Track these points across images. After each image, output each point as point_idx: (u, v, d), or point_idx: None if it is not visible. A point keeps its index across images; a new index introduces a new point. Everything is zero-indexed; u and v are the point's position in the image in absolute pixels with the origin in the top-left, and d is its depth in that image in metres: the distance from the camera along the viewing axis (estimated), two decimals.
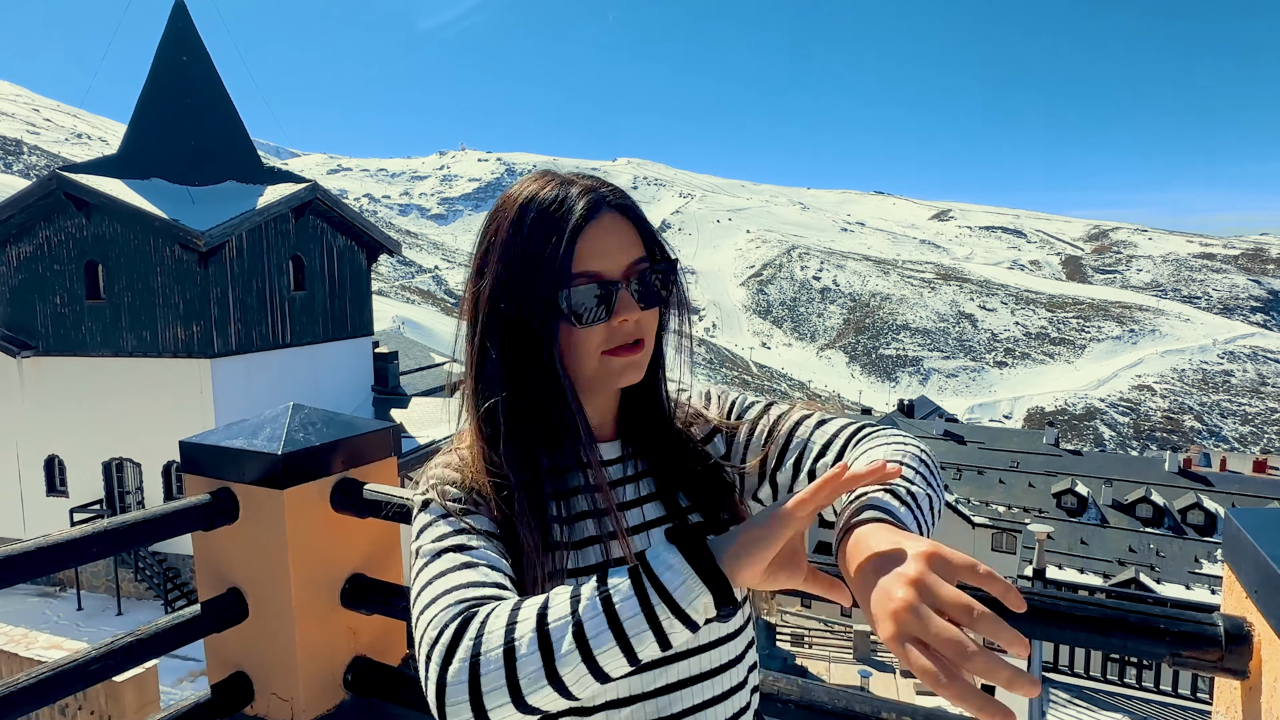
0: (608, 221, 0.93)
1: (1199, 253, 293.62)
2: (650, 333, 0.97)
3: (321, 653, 2.13)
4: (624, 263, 0.93)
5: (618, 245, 0.93)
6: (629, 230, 0.95)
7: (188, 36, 24.59)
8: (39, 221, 21.61)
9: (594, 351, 0.94)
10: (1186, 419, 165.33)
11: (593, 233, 0.92)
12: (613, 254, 0.93)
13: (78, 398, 21.77)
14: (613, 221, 0.94)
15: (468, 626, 0.74)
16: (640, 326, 0.95)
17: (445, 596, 0.80)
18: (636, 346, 0.95)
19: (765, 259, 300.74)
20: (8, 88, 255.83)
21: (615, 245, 0.93)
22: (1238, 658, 1.25)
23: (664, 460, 1.03)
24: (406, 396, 27.40)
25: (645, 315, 0.95)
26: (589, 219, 0.92)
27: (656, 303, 0.96)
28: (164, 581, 20.94)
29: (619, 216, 0.95)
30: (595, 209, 0.92)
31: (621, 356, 0.94)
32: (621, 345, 0.94)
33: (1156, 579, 30.68)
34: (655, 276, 0.96)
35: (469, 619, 0.75)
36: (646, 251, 0.97)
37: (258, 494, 2.02)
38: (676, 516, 1.00)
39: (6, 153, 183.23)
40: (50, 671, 1.71)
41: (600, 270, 0.92)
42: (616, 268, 0.93)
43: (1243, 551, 1.26)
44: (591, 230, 0.92)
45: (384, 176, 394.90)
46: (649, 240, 0.98)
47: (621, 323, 0.92)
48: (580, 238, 0.91)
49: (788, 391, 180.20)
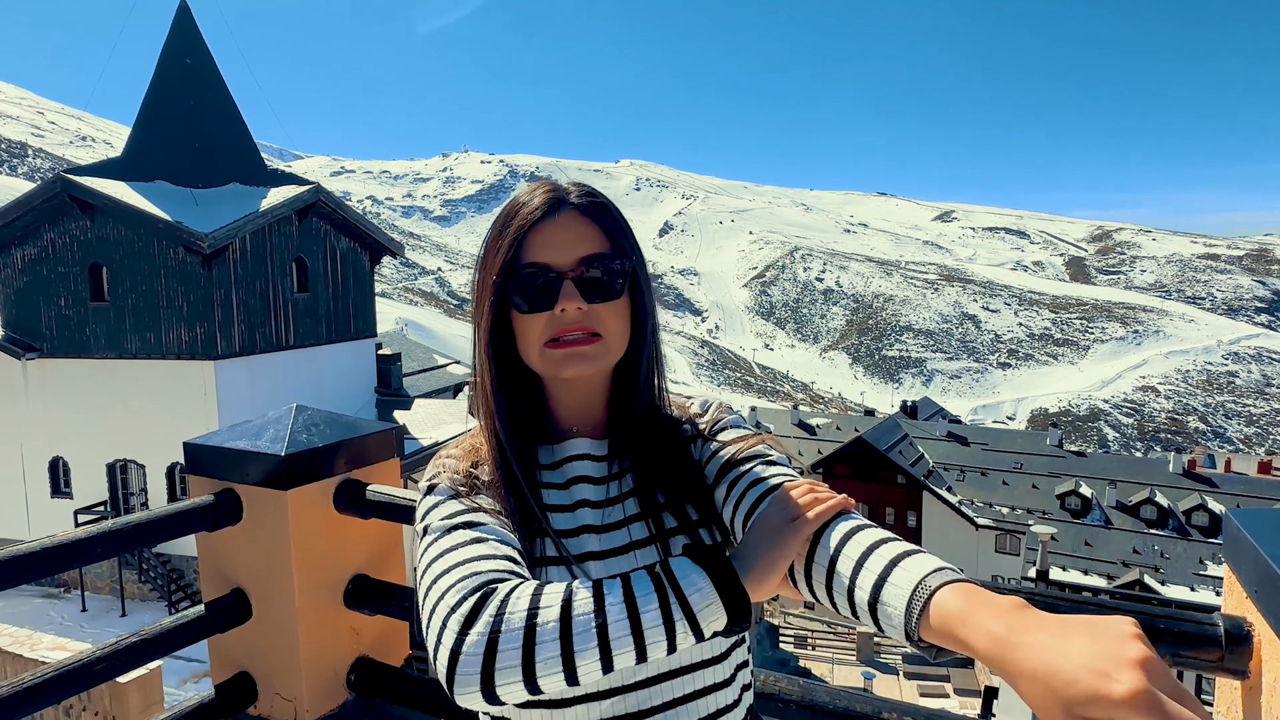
0: (565, 219, 0.99)
1: (1203, 253, 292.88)
2: (609, 327, 0.99)
3: (325, 653, 2.13)
4: (573, 256, 0.97)
5: (570, 239, 0.98)
6: (587, 227, 0.99)
7: (191, 39, 24.65)
8: (43, 224, 21.68)
9: (537, 340, 0.98)
10: (1191, 420, 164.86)
11: (547, 228, 0.98)
12: (562, 247, 0.97)
13: (82, 399, 21.83)
14: (571, 219, 0.99)
15: (488, 601, 0.78)
16: (591, 318, 0.97)
17: (460, 568, 0.83)
18: (588, 340, 0.97)
19: (768, 260, 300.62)
20: (12, 90, 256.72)
21: (567, 239, 0.98)
22: (1238, 658, 1.25)
23: (643, 457, 1.05)
24: (409, 398, 27.43)
25: (601, 309, 0.98)
26: (546, 215, 0.98)
27: (608, 296, 0.98)
28: (168, 582, 20.98)
29: (578, 215, 1.00)
30: (554, 207, 0.99)
31: (563, 348, 0.97)
32: (566, 337, 0.97)
33: (1161, 580, 30.58)
34: (606, 273, 0.98)
35: (489, 594, 0.79)
36: (613, 250, 1.00)
37: (261, 495, 2.03)
38: (652, 514, 1.02)
39: (11, 155, 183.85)
40: (54, 672, 1.71)
41: (547, 261, 0.97)
42: (564, 260, 0.97)
43: (1243, 552, 1.26)
44: (546, 225, 0.98)
45: (387, 178, 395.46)
46: (617, 240, 1.01)
47: (562, 311, 0.95)
48: (532, 230, 0.97)
49: (790, 393, 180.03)
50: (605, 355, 0.99)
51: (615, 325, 1.00)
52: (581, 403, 1.06)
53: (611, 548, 0.99)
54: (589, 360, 0.98)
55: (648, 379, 1.07)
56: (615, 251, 1.00)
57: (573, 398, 1.05)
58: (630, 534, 1.00)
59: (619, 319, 1.00)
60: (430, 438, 22.42)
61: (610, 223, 1.01)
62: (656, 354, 1.08)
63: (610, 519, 1.01)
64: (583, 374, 0.99)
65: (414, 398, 27.76)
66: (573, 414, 1.06)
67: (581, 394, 1.05)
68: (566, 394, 1.05)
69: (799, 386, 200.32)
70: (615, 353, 1.01)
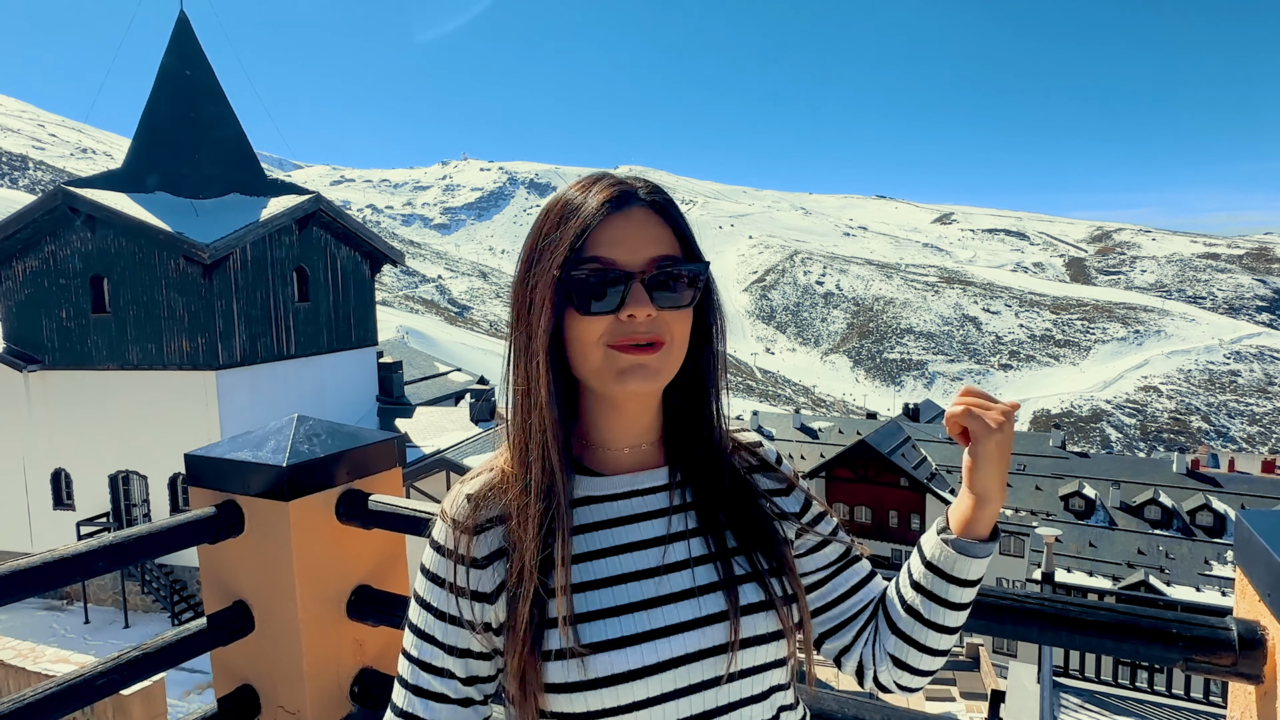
0: (636, 214, 0.88)
1: (1203, 253, 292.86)
2: (676, 337, 0.89)
3: (328, 665, 2.12)
4: (645, 256, 0.87)
5: (641, 238, 0.87)
6: (658, 226, 0.90)
7: (191, 50, 24.75)
8: (44, 236, 21.73)
9: (597, 343, 0.86)
10: (1193, 420, 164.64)
11: (615, 222, 0.87)
12: (632, 245, 0.87)
13: (84, 411, 21.84)
14: (642, 215, 0.89)
15: None
16: (659, 326, 0.87)
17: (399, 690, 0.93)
18: (651, 348, 0.87)
19: (768, 264, 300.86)
20: (13, 103, 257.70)
21: (638, 237, 0.87)
22: (1252, 662, 1.23)
23: (713, 493, 0.96)
24: (411, 406, 27.43)
25: (669, 316, 0.87)
26: (615, 209, 0.87)
27: (679, 304, 0.88)
28: (171, 594, 20.96)
29: (649, 211, 0.89)
30: (623, 201, 0.88)
31: (630, 354, 0.86)
32: (631, 342, 0.86)
33: (1166, 581, 30.49)
34: (682, 279, 0.88)
35: None
36: (683, 254, 0.91)
37: (263, 506, 2.02)
38: (721, 558, 0.92)
39: (12, 168, 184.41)
40: (57, 686, 1.70)
41: (614, 258, 0.86)
42: (634, 259, 0.86)
43: (1255, 554, 1.25)
44: (615, 219, 0.87)
45: (387, 187, 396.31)
46: (689, 243, 0.92)
47: (629, 317, 0.85)
48: (599, 225, 0.86)
49: (792, 397, 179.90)
50: (667, 368, 0.89)
51: (681, 334, 0.90)
52: (636, 424, 0.95)
53: (672, 592, 0.89)
54: (651, 374, 0.87)
55: (711, 397, 0.96)
56: (687, 255, 0.91)
57: (623, 418, 0.94)
58: (695, 577, 0.91)
59: (685, 328, 0.90)
60: (432, 445, 22.40)
61: (682, 223, 0.92)
62: (723, 371, 0.97)
63: (673, 558, 0.92)
64: (642, 390, 0.88)
65: (416, 405, 27.76)
66: (618, 441, 0.95)
67: (633, 413, 0.93)
68: (614, 413, 0.93)
69: (800, 390, 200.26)
70: (676, 365, 0.90)
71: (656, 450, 0.97)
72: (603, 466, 0.95)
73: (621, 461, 0.95)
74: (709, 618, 0.88)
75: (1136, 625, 1.31)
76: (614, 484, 0.94)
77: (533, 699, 0.85)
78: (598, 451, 0.95)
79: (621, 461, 0.95)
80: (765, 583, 0.92)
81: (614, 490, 0.94)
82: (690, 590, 0.90)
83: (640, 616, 0.87)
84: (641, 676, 0.84)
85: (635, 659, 0.84)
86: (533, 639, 0.84)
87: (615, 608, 0.87)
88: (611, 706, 0.84)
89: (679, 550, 0.92)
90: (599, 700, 0.83)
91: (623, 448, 0.95)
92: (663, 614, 0.88)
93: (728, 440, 1.00)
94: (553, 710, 0.85)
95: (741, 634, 0.88)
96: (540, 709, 0.86)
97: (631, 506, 0.93)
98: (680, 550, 0.92)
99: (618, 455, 0.95)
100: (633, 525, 0.92)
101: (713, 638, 0.87)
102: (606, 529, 0.92)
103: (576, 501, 0.92)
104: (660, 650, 0.85)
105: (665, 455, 0.97)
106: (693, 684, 0.86)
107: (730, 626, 0.88)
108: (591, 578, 0.89)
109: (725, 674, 0.87)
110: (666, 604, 0.88)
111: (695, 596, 0.89)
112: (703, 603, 0.89)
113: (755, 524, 0.96)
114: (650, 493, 0.95)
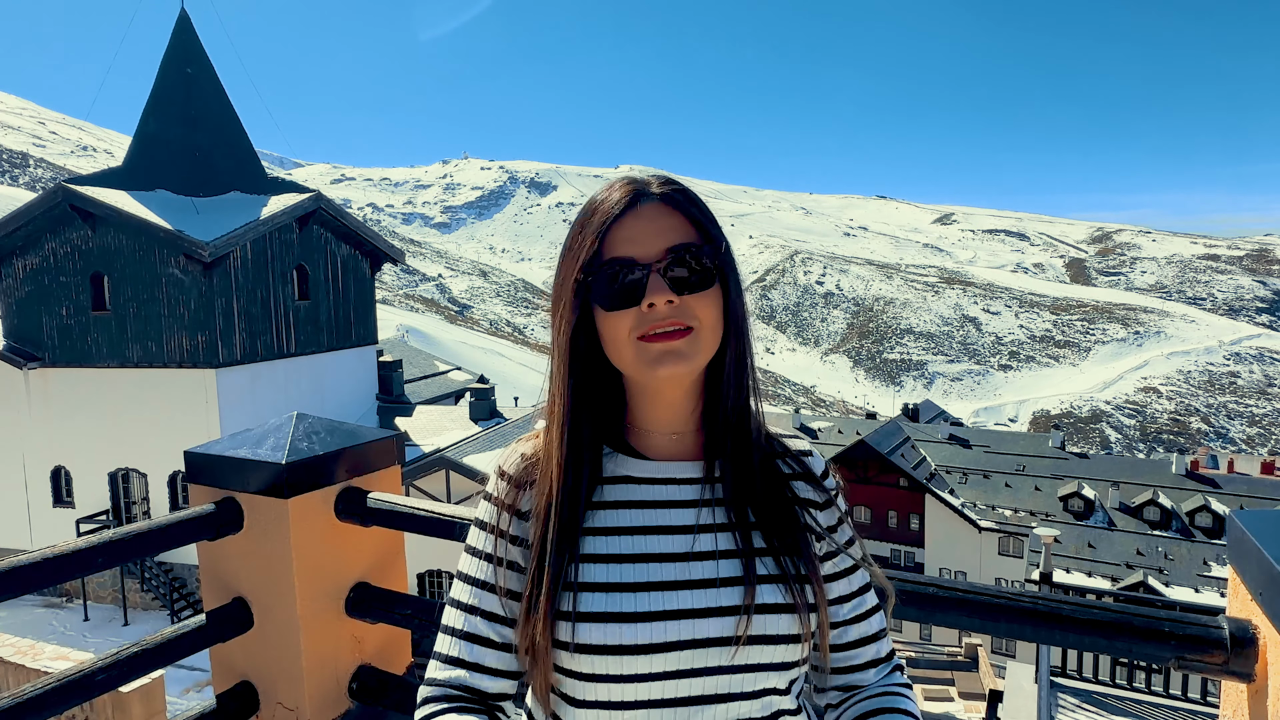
0: (648, 211, 0.93)
1: (1203, 254, 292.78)
2: (704, 321, 0.92)
3: (326, 662, 2.13)
4: (658, 247, 0.91)
5: (654, 231, 0.92)
6: (672, 217, 0.94)
7: (192, 48, 24.75)
8: (45, 234, 21.73)
9: (627, 338, 0.91)
10: (1193, 421, 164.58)
11: (629, 221, 0.92)
12: (646, 240, 0.92)
13: (84, 409, 21.85)
14: (654, 210, 0.94)
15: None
16: (683, 312, 0.91)
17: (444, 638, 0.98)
18: (678, 334, 0.91)
19: (768, 264, 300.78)
20: (13, 101, 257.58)
21: (651, 231, 0.92)
22: (1243, 660, 1.24)
23: (745, 491, 0.98)
24: (411, 405, 27.45)
25: (692, 300, 0.91)
26: (628, 209, 0.93)
27: (699, 287, 0.92)
28: (170, 591, 20.97)
29: (661, 205, 0.94)
30: (635, 200, 0.93)
31: (657, 342, 0.90)
32: (657, 332, 0.90)
33: (1165, 582, 30.48)
34: (695, 262, 0.92)
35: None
36: (701, 238, 0.94)
37: (262, 503, 2.03)
38: (746, 556, 0.94)
39: (13, 166, 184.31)
40: (57, 682, 1.71)
41: (631, 255, 0.91)
42: (649, 252, 0.91)
43: (1247, 554, 1.26)
44: (628, 219, 0.92)
45: (387, 185, 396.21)
46: (704, 228, 0.95)
47: (650, 306, 0.90)
48: (614, 226, 0.92)
49: (791, 397, 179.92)
50: (699, 351, 0.92)
51: (709, 317, 0.92)
52: (672, 413, 0.99)
53: (694, 579, 0.93)
54: (683, 357, 0.91)
55: (738, 378, 0.98)
56: (703, 239, 0.94)
57: (660, 403, 0.98)
58: (719, 569, 0.94)
59: (712, 310, 0.93)
60: (432, 444, 22.41)
61: (696, 210, 0.95)
62: (748, 350, 0.99)
63: (701, 547, 0.95)
64: (676, 373, 0.91)
65: (415, 404, 27.78)
66: (659, 425, 0.99)
67: (670, 398, 0.97)
68: (653, 399, 0.98)
69: (800, 390, 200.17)
70: (709, 347, 0.93)
71: (695, 442, 1.01)
72: (645, 450, 1.00)
73: (662, 448, 1.00)
74: (725, 609, 0.91)
75: (1129, 624, 1.32)
76: (652, 468, 0.99)
77: (544, 660, 0.90)
78: (640, 435, 1.01)
79: (662, 448, 1.00)
80: (790, 587, 0.94)
81: (651, 474, 0.98)
82: (713, 580, 0.93)
83: (658, 596, 0.91)
84: (649, 652, 0.88)
85: (646, 634, 0.89)
86: (549, 599, 0.90)
87: (637, 583, 0.91)
88: (615, 673, 0.88)
89: (706, 541, 0.95)
90: (604, 665, 0.88)
91: (662, 432, 1.00)
92: (678, 598, 0.91)
93: (764, 439, 1.03)
94: (563, 666, 0.90)
95: (752, 630, 0.90)
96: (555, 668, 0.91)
97: (666, 492, 0.98)
98: (708, 541, 0.95)
99: (658, 441, 1.00)
100: (665, 510, 0.97)
101: (723, 629, 0.91)
102: (639, 509, 0.96)
103: (616, 479, 0.98)
104: (670, 630, 0.89)
105: (704, 450, 1.01)
106: (695, 668, 0.90)
107: (741, 621, 0.90)
108: (618, 551, 0.94)
109: (728, 664, 0.90)
110: (685, 589, 0.92)
111: (716, 587, 0.93)
112: (722, 594, 0.92)
113: (785, 528, 0.98)
114: (685, 483, 0.98)
